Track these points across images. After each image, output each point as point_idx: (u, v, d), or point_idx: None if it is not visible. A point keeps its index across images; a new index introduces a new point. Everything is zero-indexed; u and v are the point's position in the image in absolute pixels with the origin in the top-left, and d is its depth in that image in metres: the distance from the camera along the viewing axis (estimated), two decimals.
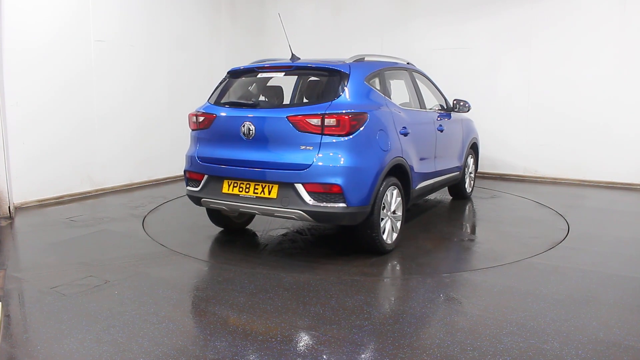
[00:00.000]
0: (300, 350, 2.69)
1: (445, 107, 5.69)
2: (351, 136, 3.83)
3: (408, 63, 5.36)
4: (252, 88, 4.65)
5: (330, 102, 3.92)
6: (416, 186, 4.71)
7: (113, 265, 4.00)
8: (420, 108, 5.14)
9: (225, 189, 4.17)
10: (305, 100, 4.79)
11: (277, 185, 3.92)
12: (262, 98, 4.63)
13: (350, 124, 3.82)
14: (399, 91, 5.36)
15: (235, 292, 3.47)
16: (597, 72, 7.13)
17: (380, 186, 4.03)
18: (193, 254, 4.45)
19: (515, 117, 7.75)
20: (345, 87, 4.01)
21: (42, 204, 6.10)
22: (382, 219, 4.14)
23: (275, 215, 4.08)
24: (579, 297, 3.37)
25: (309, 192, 3.81)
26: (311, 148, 3.83)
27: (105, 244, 4.63)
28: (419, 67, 5.80)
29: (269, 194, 3.95)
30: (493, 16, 7.80)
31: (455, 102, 5.71)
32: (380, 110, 4.20)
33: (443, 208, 6.10)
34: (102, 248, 4.49)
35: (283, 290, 3.53)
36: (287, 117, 3.90)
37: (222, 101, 4.43)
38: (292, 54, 4.66)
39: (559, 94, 7.45)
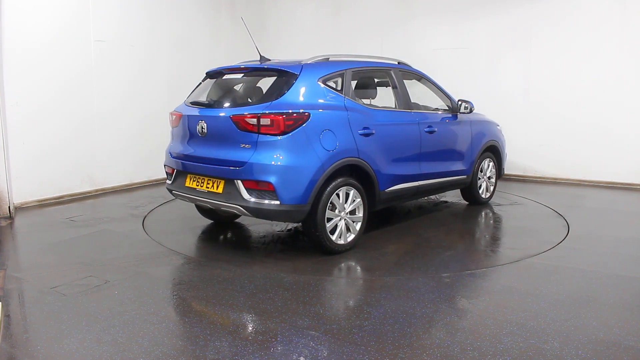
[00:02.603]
0: (301, 350, 2.69)
1: (448, 109, 5.56)
2: (286, 136, 3.93)
3: (399, 63, 5.26)
4: (222, 88, 4.74)
5: (270, 103, 4.04)
6: (386, 188, 4.65)
7: (113, 265, 4.00)
8: (405, 109, 5.00)
9: (187, 183, 4.46)
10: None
11: (223, 181, 4.14)
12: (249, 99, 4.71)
13: (284, 124, 3.91)
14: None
15: (235, 292, 3.47)
16: (597, 72, 7.13)
17: (325, 186, 4.08)
18: (193, 253, 4.46)
19: (515, 117, 7.75)
20: (290, 88, 4.11)
21: (42, 204, 6.10)
22: (331, 218, 4.17)
23: (222, 209, 4.33)
24: (579, 297, 3.37)
25: (246, 189, 3.99)
26: (249, 146, 3.99)
27: (105, 244, 4.63)
28: (419, 67, 5.76)
29: (217, 188, 4.18)
30: (493, 16, 7.80)
31: (458, 102, 5.62)
32: (329, 110, 4.24)
33: (447, 213, 5.97)
34: (102, 248, 4.49)
35: (283, 290, 3.53)
36: (230, 116, 4.08)
37: (191, 101, 4.67)
38: (261, 55, 4.74)
39: (559, 94, 7.45)
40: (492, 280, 3.74)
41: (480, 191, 6.05)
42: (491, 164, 6.18)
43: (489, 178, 6.19)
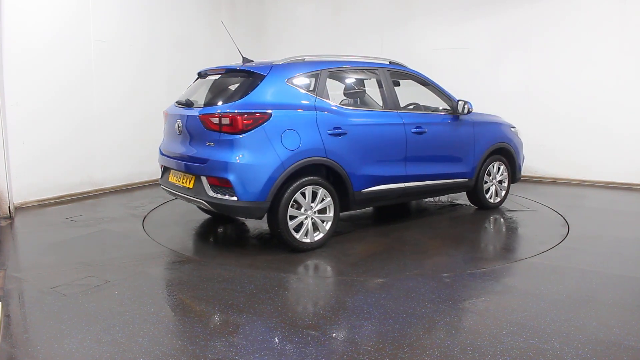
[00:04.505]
0: (300, 350, 2.69)
1: (450, 109, 5.45)
2: (244, 134, 4.05)
3: (391, 62, 5.19)
4: (202, 88, 4.85)
5: (233, 103, 4.19)
6: (362, 189, 4.63)
7: (113, 265, 4.00)
8: (393, 109, 4.93)
9: (170, 178, 4.72)
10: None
11: (194, 177, 4.35)
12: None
13: (243, 123, 4.04)
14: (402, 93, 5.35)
15: (235, 292, 3.47)
16: (597, 72, 7.13)
17: (287, 184, 4.17)
18: (193, 253, 4.46)
19: (515, 117, 7.69)
20: (255, 88, 4.23)
21: (42, 204, 6.10)
22: (295, 216, 4.25)
23: (193, 203, 4.51)
24: (579, 297, 3.38)
25: (210, 185, 4.18)
26: (213, 144, 4.17)
27: (105, 244, 4.64)
28: (419, 67, 5.72)
29: (189, 184, 4.40)
30: (493, 16, 7.80)
31: (458, 102, 5.47)
32: (295, 110, 4.31)
33: (447, 216, 5.88)
34: (102, 248, 4.50)
35: (283, 290, 3.53)
36: (198, 115, 4.27)
37: (176, 100, 4.88)
38: (243, 57, 4.83)
39: (559, 94, 7.45)
40: (492, 280, 3.74)
41: (487, 195, 5.83)
42: (502, 167, 5.92)
43: (500, 182, 5.95)
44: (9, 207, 5.49)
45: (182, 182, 4.48)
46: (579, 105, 7.31)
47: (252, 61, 4.77)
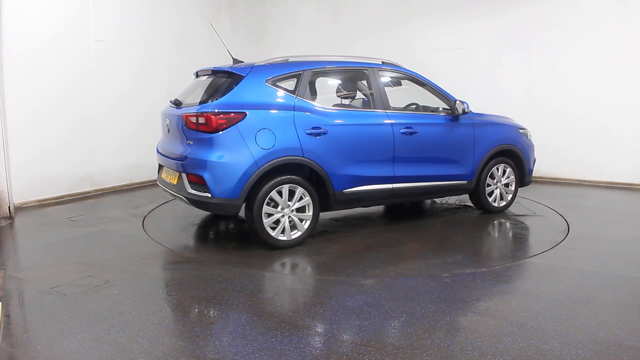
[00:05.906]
0: (300, 350, 2.69)
1: (448, 110, 5.33)
2: (219, 133, 4.17)
3: (384, 62, 5.13)
4: (191, 89, 4.95)
5: (211, 102, 4.33)
6: (344, 189, 4.61)
7: (113, 265, 4.00)
8: (382, 109, 4.88)
9: (162, 175, 4.90)
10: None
11: (178, 174, 4.49)
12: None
13: (217, 123, 4.16)
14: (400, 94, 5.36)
15: (235, 292, 3.47)
16: (597, 72, 7.13)
17: (262, 182, 4.26)
18: (193, 253, 4.46)
19: (515, 117, 7.71)
20: (233, 88, 4.34)
21: (42, 204, 6.10)
22: (271, 214, 4.33)
23: (178, 199, 4.62)
24: (579, 297, 3.38)
25: (189, 181, 4.34)
26: (192, 143, 4.33)
27: (105, 244, 4.64)
28: (418, 67, 5.72)
29: (174, 180, 4.55)
30: (493, 16, 7.81)
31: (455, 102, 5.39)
32: (272, 110, 4.39)
33: (446, 219, 5.79)
34: (102, 248, 4.49)
35: (283, 290, 3.53)
36: (181, 115, 4.42)
37: (170, 99, 4.99)
38: (233, 58, 4.93)
39: (559, 94, 7.45)
40: (492, 280, 3.74)
41: (491, 199, 5.63)
42: (508, 169, 5.69)
43: (506, 185, 5.74)
44: (9, 207, 5.49)
45: (170, 179, 4.63)
46: (579, 106, 7.31)
47: (242, 62, 4.84)
